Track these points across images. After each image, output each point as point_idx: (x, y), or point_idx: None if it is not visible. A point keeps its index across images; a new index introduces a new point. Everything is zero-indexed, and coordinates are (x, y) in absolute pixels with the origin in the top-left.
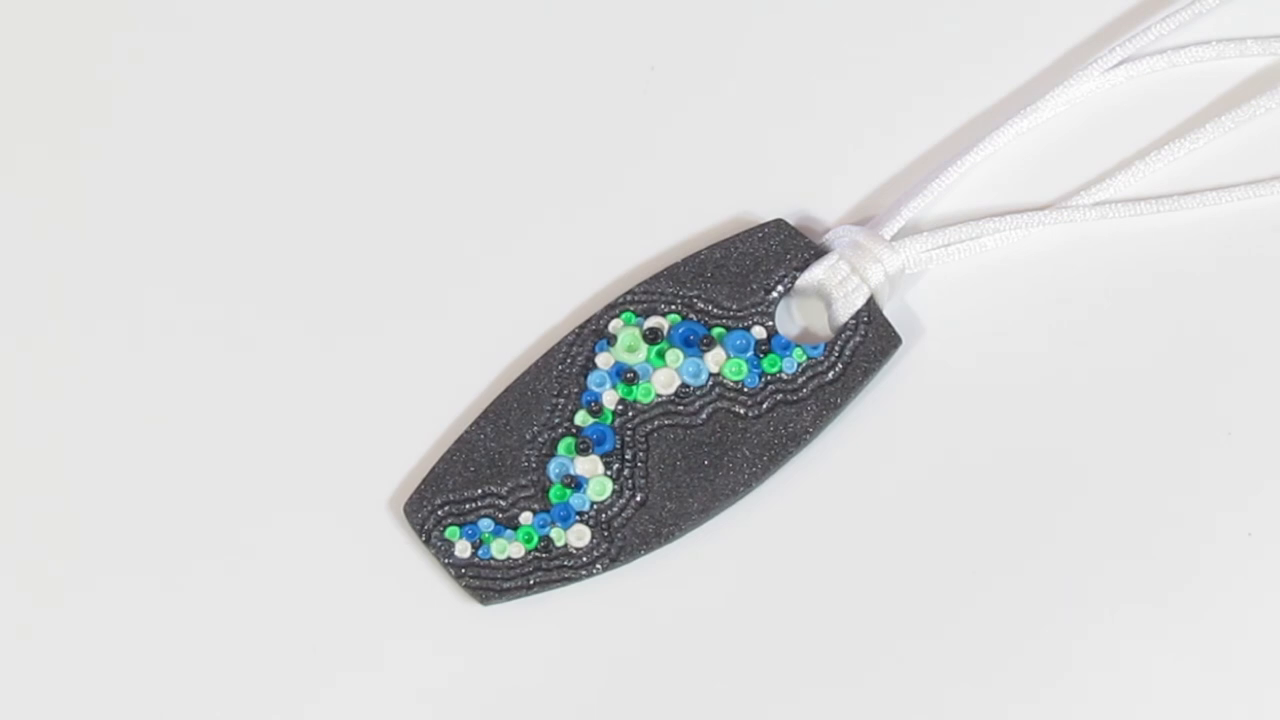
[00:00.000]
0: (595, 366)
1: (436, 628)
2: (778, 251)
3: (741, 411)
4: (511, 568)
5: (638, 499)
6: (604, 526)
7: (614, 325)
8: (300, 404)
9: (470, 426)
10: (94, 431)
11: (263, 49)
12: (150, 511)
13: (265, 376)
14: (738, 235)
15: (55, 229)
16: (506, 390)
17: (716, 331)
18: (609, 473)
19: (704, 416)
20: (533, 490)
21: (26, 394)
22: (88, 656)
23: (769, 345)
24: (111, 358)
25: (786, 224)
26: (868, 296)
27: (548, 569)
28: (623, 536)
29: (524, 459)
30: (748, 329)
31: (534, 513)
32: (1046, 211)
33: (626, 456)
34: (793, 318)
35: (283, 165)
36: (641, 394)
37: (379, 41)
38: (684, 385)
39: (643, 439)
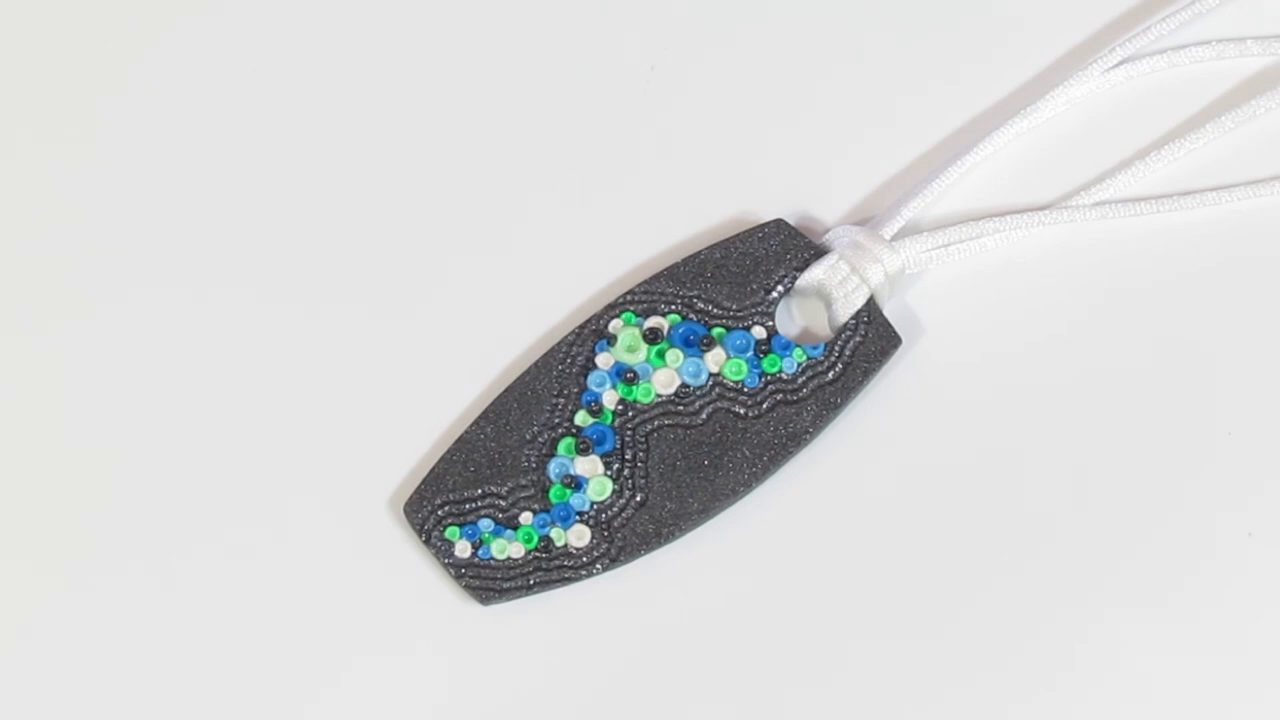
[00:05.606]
0: (595, 366)
1: (436, 628)
2: (778, 251)
3: (741, 411)
4: (511, 568)
5: (638, 499)
6: (604, 526)
7: (614, 325)
8: (300, 403)
9: (470, 426)
10: (92, 432)
11: (266, 45)
12: (150, 511)
13: (265, 376)
14: (738, 235)
15: (54, 223)
16: (506, 390)
17: (716, 331)
18: (609, 473)
19: (704, 416)
20: (533, 490)
21: (24, 393)
22: (84, 657)
23: (769, 345)
24: (111, 358)
25: (786, 224)
26: (868, 296)
27: (548, 569)
28: (623, 536)
29: (524, 459)
30: (748, 329)
31: (534, 513)
32: (1046, 211)
33: (626, 456)
34: (793, 318)
35: (282, 164)
36: (641, 394)
37: (378, 42)
38: (684, 385)
39: (643, 439)
